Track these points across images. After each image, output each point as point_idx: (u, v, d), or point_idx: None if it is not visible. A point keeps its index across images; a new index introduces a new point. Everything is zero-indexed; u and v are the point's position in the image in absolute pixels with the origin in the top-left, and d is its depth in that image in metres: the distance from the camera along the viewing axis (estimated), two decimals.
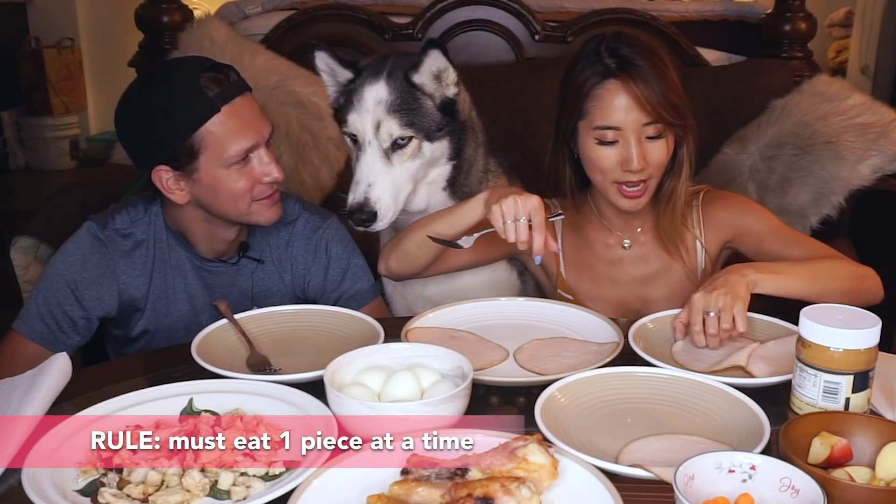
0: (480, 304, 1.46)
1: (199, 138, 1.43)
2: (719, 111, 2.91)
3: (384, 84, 1.53)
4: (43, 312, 1.52)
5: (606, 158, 1.46)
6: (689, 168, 1.51)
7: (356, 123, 1.52)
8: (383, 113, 1.51)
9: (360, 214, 1.49)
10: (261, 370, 1.23)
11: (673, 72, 1.45)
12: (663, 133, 1.44)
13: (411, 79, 1.53)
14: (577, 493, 0.89)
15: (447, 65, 1.53)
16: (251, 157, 1.47)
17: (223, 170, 1.45)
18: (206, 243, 1.57)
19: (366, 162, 1.51)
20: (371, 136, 1.51)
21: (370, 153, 1.51)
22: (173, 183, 1.48)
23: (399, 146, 1.52)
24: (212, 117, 1.42)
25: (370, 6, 3.26)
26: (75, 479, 0.96)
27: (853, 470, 0.91)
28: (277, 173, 1.49)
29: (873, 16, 4.54)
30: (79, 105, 5.14)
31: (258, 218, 1.52)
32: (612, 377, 1.15)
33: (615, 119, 1.43)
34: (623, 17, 3.17)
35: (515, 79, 2.74)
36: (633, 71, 1.42)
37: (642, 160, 1.43)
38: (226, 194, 1.47)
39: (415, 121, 1.52)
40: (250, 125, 1.45)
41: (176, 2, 3.07)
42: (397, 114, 1.51)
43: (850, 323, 1.00)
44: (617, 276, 1.59)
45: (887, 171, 2.55)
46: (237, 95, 1.46)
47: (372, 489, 0.89)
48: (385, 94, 1.52)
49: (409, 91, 1.53)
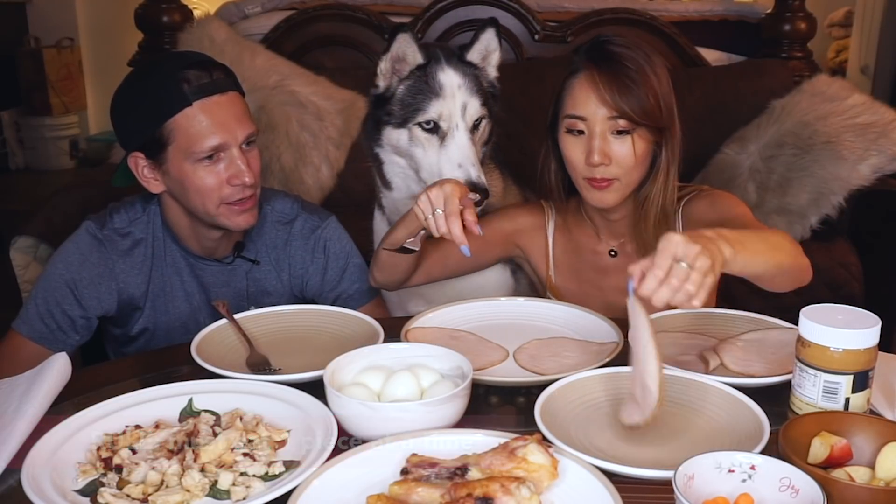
0: (480, 304, 1.46)
1: (168, 129, 1.43)
2: (719, 111, 2.91)
3: (453, 69, 1.56)
4: (42, 312, 1.52)
5: (574, 149, 1.47)
6: (670, 176, 1.48)
7: (443, 109, 1.54)
8: (467, 95, 1.54)
9: (476, 193, 1.46)
10: (260, 370, 1.23)
11: (658, 76, 1.43)
12: (630, 131, 1.43)
13: (466, 58, 1.57)
14: (577, 493, 0.89)
15: (497, 46, 1.59)
16: (221, 157, 1.46)
17: (190, 164, 1.45)
18: (194, 240, 1.58)
19: (462, 143, 1.53)
20: (459, 119, 1.54)
21: (461, 135, 1.53)
22: (148, 171, 1.50)
23: (476, 127, 1.56)
24: (182, 110, 1.42)
25: (370, 6, 3.26)
26: (75, 479, 0.96)
27: (853, 470, 0.91)
28: (248, 177, 1.46)
29: (873, 16, 4.54)
30: (78, 105, 5.13)
31: (226, 221, 1.50)
32: (612, 377, 1.15)
33: (582, 109, 1.44)
34: (623, 17, 3.17)
35: (515, 79, 2.73)
36: (604, 65, 1.42)
37: (603, 155, 1.43)
38: (192, 190, 1.47)
39: (485, 100, 1.57)
40: (223, 125, 1.44)
41: (176, 2, 3.08)
42: (476, 95, 1.56)
43: (850, 323, 1.00)
44: (602, 284, 1.59)
45: (887, 171, 2.56)
46: (216, 93, 1.44)
47: (372, 489, 0.89)
48: (459, 77, 1.55)
49: (473, 73, 1.58)
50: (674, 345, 1.27)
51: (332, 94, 2.83)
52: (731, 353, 1.22)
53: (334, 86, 2.86)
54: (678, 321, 1.36)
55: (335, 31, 3.18)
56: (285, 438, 1.03)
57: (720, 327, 1.34)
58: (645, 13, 3.19)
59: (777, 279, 1.24)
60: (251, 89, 2.59)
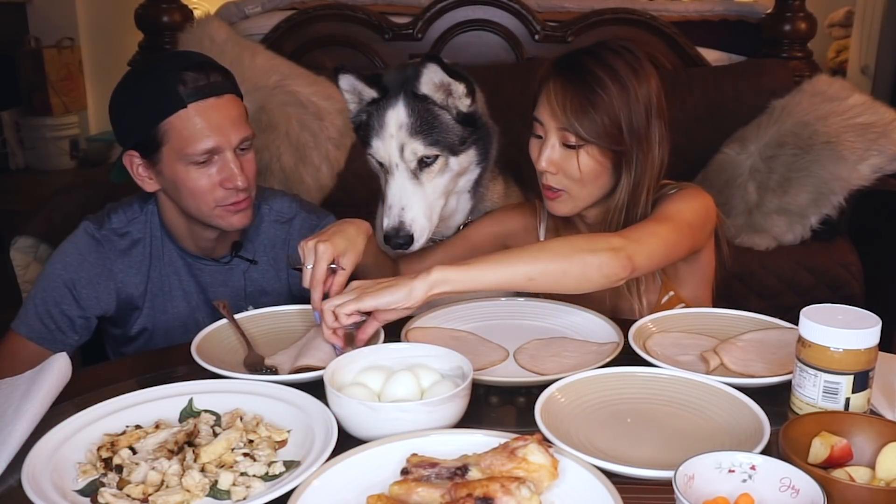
0: (480, 304, 1.46)
1: (163, 130, 1.43)
2: (719, 111, 2.91)
3: (403, 106, 1.49)
4: (41, 312, 1.52)
5: (533, 150, 1.48)
6: (641, 189, 1.45)
7: (381, 149, 1.50)
8: (406, 136, 1.48)
9: (397, 239, 1.47)
10: (258, 370, 1.23)
11: (631, 97, 1.40)
12: (577, 146, 1.42)
13: (417, 92, 1.50)
14: (577, 493, 0.89)
15: (449, 79, 1.49)
16: (214, 160, 1.46)
17: (182, 166, 1.45)
18: (190, 240, 1.58)
19: (396, 185, 1.49)
20: (397, 160, 1.49)
21: (399, 176, 1.49)
22: (143, 170, 1.50)
23: (426, 164, 1.50)
24: (177, 112, 1.42)
25: (370, 6, 3.26)
26: (75, 479, 0.96)
27: (853, 470, 0.91)
28: (241, 181, 1.46)
29: (873, 16, 4.54)
30: (79, 105, 5.14)
31: (221, 222, 1.51)
32: (612, 377, 1.15)
33: (541, 112, 1.45)
34: (623, 18, 3.17)
35: (515, 79, 2.74)
36: (566, 77, 1.42)
37: (549, 163, 1.44)
38: (185, 191, 1.47)
39: (438, 138, 1.50)
40: (217, 128, 1.44)
41: (176, 2, 3.08)
42: (419, 134, 1.48)
43: (850, 323, 1.00)
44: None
45: (887, 170, 2.56)
46: (212, 96, 1.44)
47: (372, 489, 0.89)
48: (405, 116, 1.49)
49: (427, 108, 1.50)
50: (674, 345, 1.27)
51: (332, 94, 2.82)
52: (731, 353, 1.22)
53: (334, 86, 2.84)
54: (678, 321, 1.36)
55: (335, 31, 3.18)
56: (285, 438, 1.03)
57: (720, 327, 1.33)
58: (645, 13, 3.19)
59: (539, 282, 1.22)
60: (251, 89, 2.59)
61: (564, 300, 1.44)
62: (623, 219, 1.47)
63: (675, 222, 1.38)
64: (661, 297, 1.56)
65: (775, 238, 2.56)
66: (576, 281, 1.24)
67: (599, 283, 1.25)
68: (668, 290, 1.56)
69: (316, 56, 3.14)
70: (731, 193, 2.65)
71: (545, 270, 1.22)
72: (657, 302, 1.56)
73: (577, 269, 1.23)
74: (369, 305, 1.16)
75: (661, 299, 1.56)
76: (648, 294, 1.55)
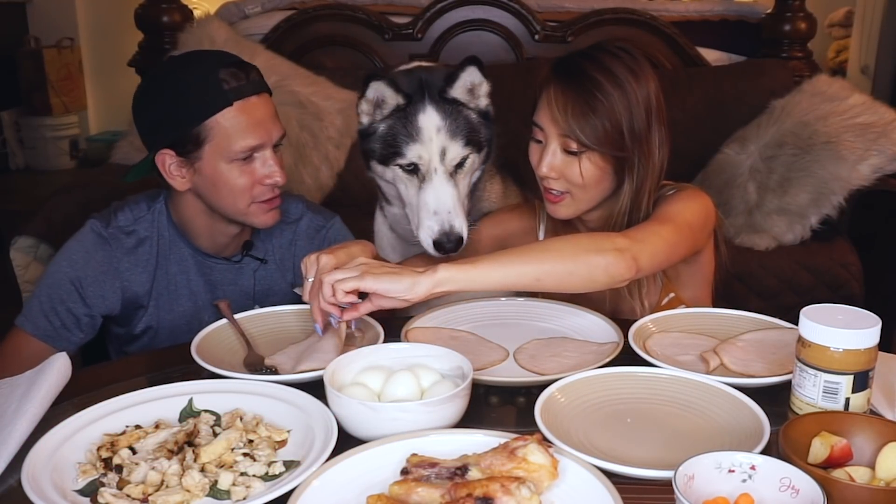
0: (480, 303, 1.46)
1: (207, 128, 1.44)
2: (719, 111, 2.92)
3: (434, 109, 1.48)
4: (46, 310, 1.52)
5: (533, 155, 1.48)
6: (642, 192, 1.45)
7: (421, 155, 1.47)
8: (446, 139, 1.47)
9: (449, 244, 1.44)
10: (257, 370, 1.23)
11: (631, 100, 1.40)
12: (579, 152, 1.42)
13: (448, 95, 1.49)
14: (577, 493, 0.89)
15: (482, 79, 1.51)
16: (255, 157, 1.48)
17: (225, 164, 1.46)
18: (207, 237, 1.58)
19: (438, 190, 1.47)
20: (437, 164, 1.47)
21: (439, 180, 1.47)
22: (175, 168, 1.49)
23: (460, 165, 1.50)
24: (223, 110, 1.43)
25: (370, 6, 3.26)
26: (75, 478, 0.96)
27: (853, 470, 0.91)
28: (280, 177, 1.50)
29: (873, 16, 4.54)
30: (78, 105, 5.13)
31: (255, 219, 1.53)
32: (612, 377, 1.15)
33: (541, 117, 1.45)
34: (623, 18, 3.18)
35: (515, 79, 2.74)
36: (565, 82, 1.42)
37: (551, 168, 1.44)
38: (224, 189, 1.48)
39: (470, 138, 1.49)
40: (260, 125, 1.47)
41: (176, 2, 3.08)
42: (457, 136, 1.48)
43: (850, 323, 1.00)
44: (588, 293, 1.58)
45: (887, 170, 2.56)
46: (253, 94, 1.47)
47: (372, 489, 0.89)
48: (439, 119, 1.47)
49: (456, 110, 1.50)
50: (674, 345, 1.27)
51: (332, 94, 2.83)
52: (731, 353, 1.22)
53: (334, 86, 2.86)
54: (678, 321, 1.36)
55: (335, 31, 3.18)
56: (285, 438, 1.03)
57: (720, 327, 1.33)
58: (645, 13, 3.19)
59: (545, 283, 1.22)
60: None
61: (564, 300, 1.44)
62: (626, 222, 1.47)
63: (676, 223, 1.38)
64: (662, 298, 1.56)
65: (775, 238, 2.56)
66: (582, 281, 1.24)
67: (605, 284, 1.25)
68: (668, 292, 1.56)
69: (316, 56, 3.14)
70: (731, 193, 2.65)
71: (551, 271, 1.22)
72: (658, 304, 1.56)
73: (584, 270, 1.23)
74: (369, 287, 1.16)
75: (662, 301, 1.56)
76: (650, 296, 1.55)
